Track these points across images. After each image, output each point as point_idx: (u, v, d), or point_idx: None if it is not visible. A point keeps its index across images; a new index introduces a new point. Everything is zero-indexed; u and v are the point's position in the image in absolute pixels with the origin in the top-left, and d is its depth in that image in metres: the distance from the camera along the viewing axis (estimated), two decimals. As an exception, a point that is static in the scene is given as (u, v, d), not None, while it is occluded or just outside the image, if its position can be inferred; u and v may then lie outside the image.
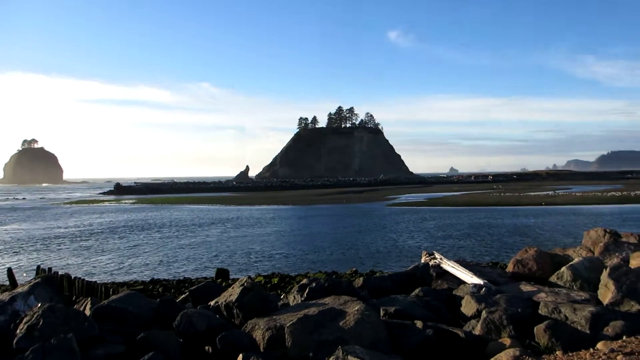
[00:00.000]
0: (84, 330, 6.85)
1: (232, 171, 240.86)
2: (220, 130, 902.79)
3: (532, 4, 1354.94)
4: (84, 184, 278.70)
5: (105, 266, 24.98)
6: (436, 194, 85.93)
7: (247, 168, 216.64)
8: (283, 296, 11.35)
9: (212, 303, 8.37)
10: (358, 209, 59.27)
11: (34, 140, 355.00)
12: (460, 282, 9.74)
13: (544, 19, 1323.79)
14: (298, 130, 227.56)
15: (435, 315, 8.11)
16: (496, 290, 8.63)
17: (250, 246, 30.22)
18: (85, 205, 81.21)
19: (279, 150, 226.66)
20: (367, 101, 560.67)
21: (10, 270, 14.41)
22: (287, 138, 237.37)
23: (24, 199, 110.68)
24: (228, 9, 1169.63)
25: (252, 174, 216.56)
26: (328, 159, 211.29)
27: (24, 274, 21.21)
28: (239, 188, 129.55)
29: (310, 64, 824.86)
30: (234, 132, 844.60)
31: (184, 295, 10.76)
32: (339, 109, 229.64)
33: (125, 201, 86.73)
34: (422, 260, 11.62)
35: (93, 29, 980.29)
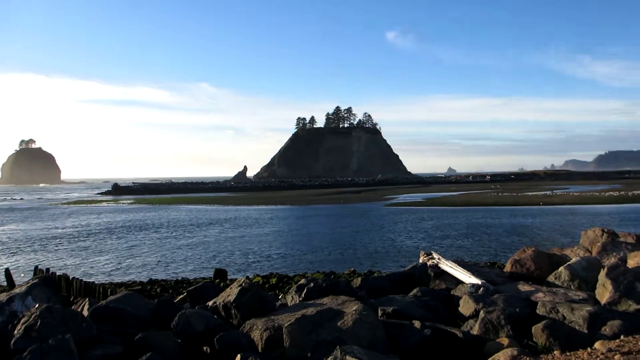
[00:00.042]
0: (81, 331, 6.85)
1: (230, 171, 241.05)
2: (219, 131, 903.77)
3: (531, 4, 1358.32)
4: (81, 184, 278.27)
5: (103, 266, 24.94)
6: (434, 194, 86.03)
7: (245, 168, 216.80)
8: (281, 296, 11.34)
9: (210, 303, 8.36)
10: (356, 209, 59.29)
11: (32, 141, 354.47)
12: (458, 282, 9.75)
13: (543, 19, 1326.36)
14: (296, 130, 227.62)
15: (433, 315, 8.11)
16: (494, 290, 8.64)
17: (248, 246, 30.21)
18: (83, 205, 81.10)
19: (277, 150, 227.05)
20: (365, 101, 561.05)
21: (7, 270, 14.38)
22: (285, 138, 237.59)
23: (21, 199, 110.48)
24: (226, 9, 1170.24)
25: (250, 174, 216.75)
26: (326, 159, 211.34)
27: (22, 275, 21.17)
28: (237, 188, 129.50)
29: (308, 64, 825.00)
30: (232, 133, 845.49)
31: (182, 296, 10.74)
32: (337, 109, 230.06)
33: (123, 201, 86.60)
34: (420, 260, 11.62)
35: (91, 28, 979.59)
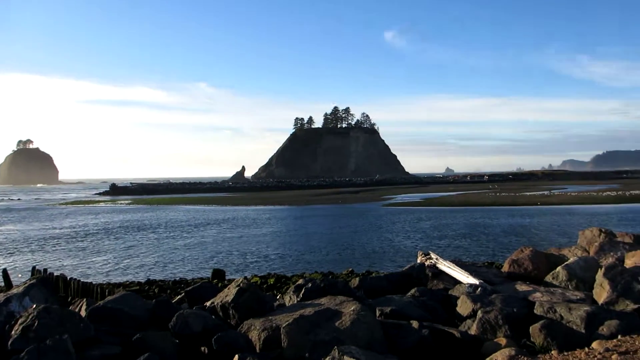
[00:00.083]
0: (79, 331, 6.84)
1: (228, 172, 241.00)
2: (217, 131, 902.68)
3: (531, 4, 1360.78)
4: (79, 184, 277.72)
5: (100, 267, 24.89)
6: (432, 194, 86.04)
7: (243, 168, 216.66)
8: (279, 297, 11.33)
9: (208, 304, 8.36)
10: (354, 209, 59.30)
11: (29, 141, 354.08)
12: (456, 282, 9.77)
13: (541, 19, 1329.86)
14: (294, 130, 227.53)
15: (431, 315, 8.12)
16: (492, 290, 8.65)
17: (246, 247, 30.18)
18: (80, 205, 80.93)
19: (275, 150, 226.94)
20: (364, 101, 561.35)
21: (5, 271, 14.37)
22: (283, 138, 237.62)
23: (19, 199, 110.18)
24: (224, 9, 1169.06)
25: (248, 174, 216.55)
26: (324, 159, 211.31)
27: (19, 275, 21.11)
28: (235, 188, 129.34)
29: (307, 64, 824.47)
30: (230, 133, 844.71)
31: (179, 296, 10.73)
32: (335, 109, 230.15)
33: (121, 202, 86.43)
34: (418, 260, 11.64)
35: (89, 29, 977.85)
